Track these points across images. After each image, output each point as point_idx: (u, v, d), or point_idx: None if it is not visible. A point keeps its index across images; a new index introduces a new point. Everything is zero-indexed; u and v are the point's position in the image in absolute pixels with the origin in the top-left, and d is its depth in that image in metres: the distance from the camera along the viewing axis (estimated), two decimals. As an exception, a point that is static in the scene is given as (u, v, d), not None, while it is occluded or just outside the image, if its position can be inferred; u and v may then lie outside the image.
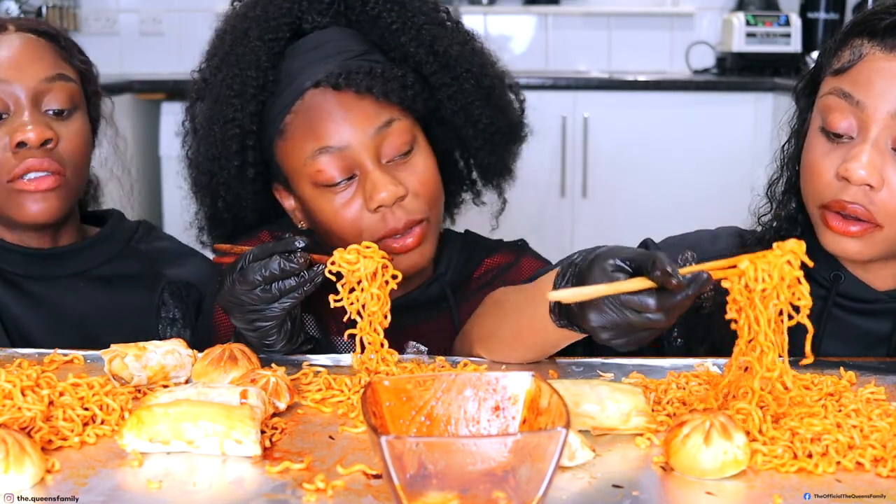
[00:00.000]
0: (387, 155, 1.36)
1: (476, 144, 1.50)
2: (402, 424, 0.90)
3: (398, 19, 1.43)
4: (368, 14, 1.43)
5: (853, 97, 1.22)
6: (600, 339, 1.04)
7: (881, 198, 1.21)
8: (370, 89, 1.34)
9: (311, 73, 1.37)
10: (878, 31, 1.22)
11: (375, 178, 1.34)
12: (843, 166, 1.22)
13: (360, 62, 1.37)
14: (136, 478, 0.92)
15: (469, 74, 1.46)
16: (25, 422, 0.99)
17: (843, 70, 1.24)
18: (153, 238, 1.61)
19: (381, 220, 1.35)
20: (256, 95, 1.39)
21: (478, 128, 1.48)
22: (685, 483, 0.92)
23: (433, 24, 1.45)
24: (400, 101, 1.37)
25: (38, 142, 1.39)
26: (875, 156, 1.21)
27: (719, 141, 3.93)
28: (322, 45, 1.40)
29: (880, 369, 1.23)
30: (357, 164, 1.35)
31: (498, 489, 0.79)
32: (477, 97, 1.47)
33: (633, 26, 4.55)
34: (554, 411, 0.85)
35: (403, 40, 1.42)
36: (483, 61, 1.50)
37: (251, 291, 1.22)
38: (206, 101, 1.45)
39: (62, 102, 1.43)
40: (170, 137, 3.99)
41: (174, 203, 4.05)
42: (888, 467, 0.95)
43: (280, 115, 1.38)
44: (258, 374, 1.11)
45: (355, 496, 0.88)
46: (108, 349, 1.15)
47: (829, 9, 4.27)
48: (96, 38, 4.61)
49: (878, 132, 1.21)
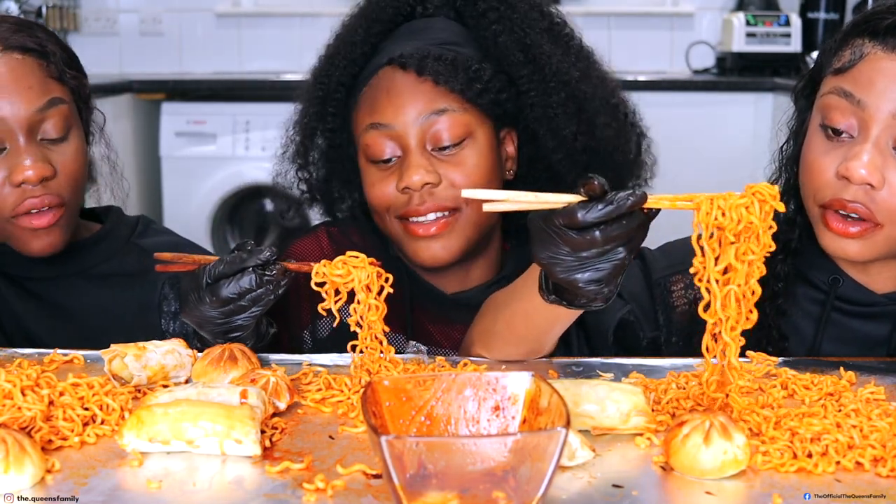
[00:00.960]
0: (433, 142, 1.38)
1: (556, 157, 1.47)
2: (402, 424, 0.90)
3: (501, 19, 1.44)
4: (476, 9, 1.45)
5: (854, 96, 1.22)
6: (556, 278, 1.04)
7: (882, 196, 1.21)
8: (431, 73, 1.36)
9: (390, 51, 1.41)
10: (879, 31, 1.22)
11: (412, 160, 1.37)
12: (844, 165, 1.21)
13: (440, 49, 1.40)
14: (136, 478, 0.92)
15: (560, 85, 1.44)
16: (25, 422, 0.99)
17: (844, 69, 1.24)
18: (152, 233, 1.60)
19: (406, 201, 1.39)
20: (347, 66, 1.44)
21: (558, 139, 1.46)
22: (685, 483, 0.92)
23: (535, 30, 1.45)
24: (462, 91, 1.38)
25: (37, 180, 1.36)
26: (876, 155, 1.20)
27: (719, 141, 3.93)
28: (419, 30, 1.44)
29: (880, 369, 1.23)
30: (402, 145, 1.38)
31: (498, 489, 0.79)
32: (564, 109, 1.44)
33: (633, 26, 4.55)
34: (554, 411, 0.85)
35: (501, 40, 1.43)
36: (587, 77, 1.48)
37: (224, 306, 1.21)
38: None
39: (58, 130, 1.39)
40: (170, 137, 4.00)
41: (174, 203, 4.06)
42: (888, 467, 0.95)
43: (358, 87, 1.44)
44: (258, 374, 1.11)
45: (355, 496, 0.88)
46: (108, 349, 1.15)
47: (829, 9, 4.27)
48: (96, 38, 4.62)
49: (880, 132, 1.20)
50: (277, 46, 4.59)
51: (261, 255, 1.20)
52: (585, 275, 1.03)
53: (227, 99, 4.05)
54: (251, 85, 4.20)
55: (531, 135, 1.48)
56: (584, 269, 1.03)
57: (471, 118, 1.39)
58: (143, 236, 1.58)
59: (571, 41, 1.50)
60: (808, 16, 4.28)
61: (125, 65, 4.63)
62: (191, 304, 1.22)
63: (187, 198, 4.03)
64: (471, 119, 1.39)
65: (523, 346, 1.25)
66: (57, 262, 1.48)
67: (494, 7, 1.44)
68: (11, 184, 1.36)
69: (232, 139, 3.98)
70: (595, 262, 1.02)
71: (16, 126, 1.36)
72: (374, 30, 1.45)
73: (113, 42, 4.65)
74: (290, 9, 4.58)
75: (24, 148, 1.36)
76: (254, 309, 1.21)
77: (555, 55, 1.44)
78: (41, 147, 1.38)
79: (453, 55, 1.39)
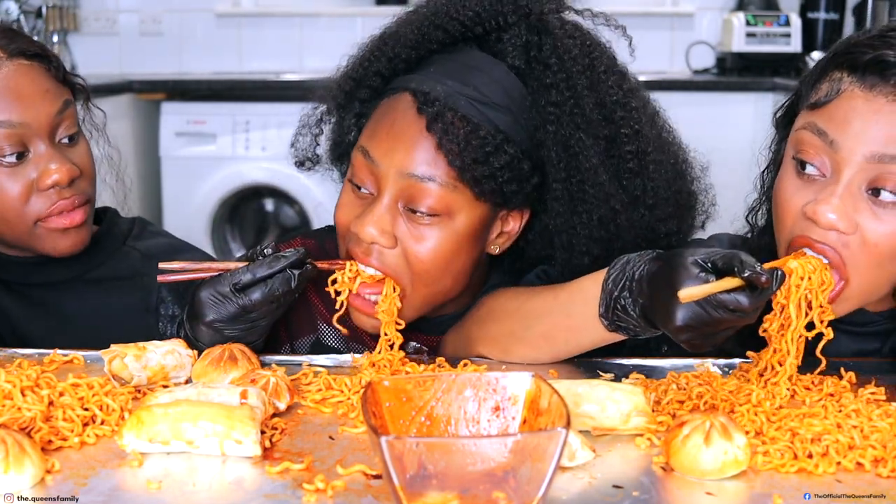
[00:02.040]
0: (406, 201, 1.24)
1: (560, 271, 1.32)
2: (402, 425, 0.90)
3: (560, 105, 1.24)
4: (542, 78, 1.26)
5: (828, 135, 1.14)
6: (679, 339, 1.07)
7: (855, 242, 1.14)
8: (438, 133, 1.22)
9: (423, 79, 1.26)
10: (858, 66, 1.14)
11: (375, 211, 1.24)
12: (812, 207, 1.14)
13: (469, 106, 1.23)
14: (135, 478, 0.92)
15: (594, 209, 1.26)
16: (25, 422, 0.99)
17: (819, 104, 1.17)
18: (149, 235, 1.60)
19: (362, 254, 1.27)
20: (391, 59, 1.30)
21: (570, 261, 1.30)
22: (685, 483, 0.92)
23: (591, 136, 1.25)
24: (460, 169, 1.22)
25: (68, 181, 1.37)
26: (847, 199, 1.13)
27: (719, 141, 3.93)
28: (470, 66, 1.26)
29: (880, 369, 1.23)
30: (379, 187, 1.25)
31: (498, 489, 0.79)
32: (589, 233, 1.28)
33: (633, 26, 4.47)
34: (554, 411, 0.85)
35: (551, 129, 1.25)
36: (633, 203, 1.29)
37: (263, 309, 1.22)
38: None
39: (71, 129, 1.41)
40: (170, 137, 4.00)
41: (174, 203, 4.06)
42: (888, 468, 0.95)
43: (385, 93, 1.30)
44: (258, 374, 1.11)
45: (355, 496, 0.88)
46: (108, 349, 1.15)
47: (829, 9, 4.27)
48: (96, 38, 4.62)
49: (852, 175, 1.13)
50: (277, 46, 4.59)
51: (294, 258, 1.22)
52: (701, 340, 1.07)
53: (227, 99, 4.05)
54: (251, 85, 4.20)
55: (548, 235, 1.33)
56: (707, 337, 1.07)
57: (459, 198, 1.24)
58: (140, 238, 1.58)
59: (633, 160, 1.29)
60: (808, 16, 4.28)
61: (125, 65, 4.63)
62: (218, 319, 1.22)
63: (187, 198, 4.03)
64: (458, 199, 1.24)
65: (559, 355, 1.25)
66: (53, 267, 1.47)
67: (559, 88, 1.25)
68: (39, 189, 1.37)
69: (232, 139, 3.98)
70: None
71: (37, 131, 1.37)
72: (431, 36, 1.29)
73: (113, 42, 4.65)
74: (290, 9, 4.58)
75: (48, 152, 1.38)
76: (277, 310, 1.24)
77: (601, 175, 1.26)
78: (61, 148, 1.40)
79: (476, 124, 1.22)
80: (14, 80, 1.35)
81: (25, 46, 1.39)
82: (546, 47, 1.27)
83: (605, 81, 1.29)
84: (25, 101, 1.35)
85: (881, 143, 1.11)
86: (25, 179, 1.36)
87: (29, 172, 1.37)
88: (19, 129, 1.35)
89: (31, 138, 1.36)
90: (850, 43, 1.19)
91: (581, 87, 1.25)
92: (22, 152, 1.36)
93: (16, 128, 1.34)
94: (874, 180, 1.12)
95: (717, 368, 1.23)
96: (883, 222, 1.13)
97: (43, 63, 1.40)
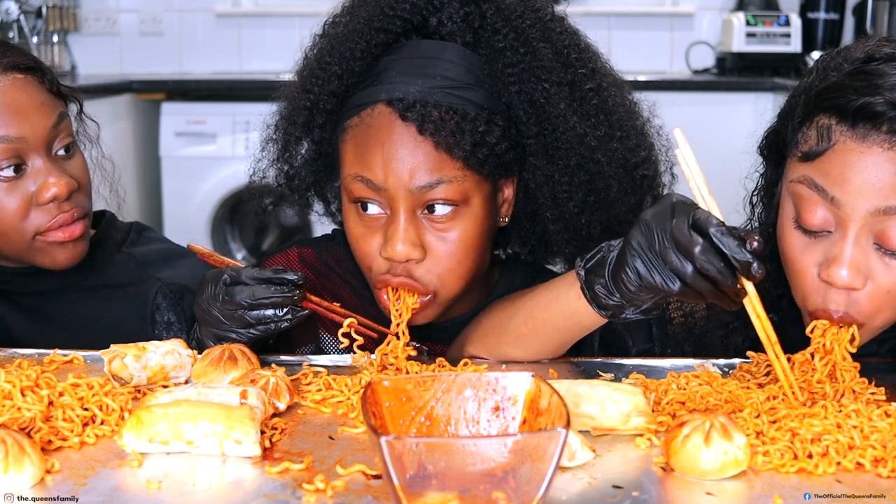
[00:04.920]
0: (423, 205, 1.25)
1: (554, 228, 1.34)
2: (402, 425, 0.90)
3: (517, 63, 1.26)
4: (494, 44, 1.27)
5: (827, 192, 1.11)
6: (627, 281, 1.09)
7: (863, 296, 1.12)
8: (433, 134, 1.22)
9: (392, 87, 1.24)
10: (847, 114, 1.10)
11: (398, 227, 1.24)
12: (826, 271, 1.12)
13: (447, 96, 1.23)
14: (135, 478, 0.92)
15: (570, 152, 1.28)
16: (25, 422, 0.99)
17: (812, 157, 1.13)
18: (145, 240, 1.59)
19: (389, 269, 1.27)
20: (342, 76, 1.28)
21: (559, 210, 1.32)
22: (685, 483, 0.92)
23: (554, 84, 1.27)
24: (465, 159, 1.23)
25: (67, 194, 1.37)
26: (857, 255, 1.11)
27: (719, 141, 3.93)
28: (427, 58, 1.27)
29: (880, 369, 1.23)
30: (392, 207, 1.25)
31: (498, 489, 0.79)
32: (570, 178, 1.30)
33: (633, 26, 4.55)
34: (554, 412, 0.85)
35: (514, 89, 1.26)
36: (606, 140, 1.30)
37: (232, 311, 1.22)
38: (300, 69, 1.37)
39: (67, 140, 1.41)
40: (170, 137, 4.00)
41: (174, 203, 4.06)
42: (888, 468, 0.95)
43: (351, 111, 1.28)
44: (258, 374, 1.11)
45: (355, 496, 0.88)
46: (108, 349, 1.15)
47: (829, 9, 4.27)
48: (96, 38, 4.62)
49: (858, 229, 1.10)
50: (277, 46, 4.58)
51: (288, 275, 1.21)
52: (649, 273, 1.06)
53: (227, 99, 4.05)
54: (251, 85, 4.20)
55: (531, 194, 1.34)
56: (652, 268, 1.06)
57: (469, 184, 1.25)
58: (136, 244, 1.57)
59: (595, 97, 1.31)
60: (808, 16, 4.28)
61: (125, 65, 4.63)
62: (204, 297, 1.24)
63: (187, 198, 4.03)
64: (469, 185, 1.25)
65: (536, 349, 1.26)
66: (48, 275, 1.46)
67: (514, 47, 1.26)
68: (39, 203, 1.36)
69: (232, 139, 3.98)
70: (665, 269, 1.06)
71: (34, 144, 1.36)
72: (376, 40, 1.27)
73: (113, 42, 4.65)
74: (290, 9, 4.58)
75: (46, 165, 1.37)
76: (256, 329, 1.23)
77: (570, 118, 1.28)
78: (58, 161, 1.39)
79: (461, 110, 1.23)
80: (10, 94, 1.35)
81: (18, 60, 1.38)
82: (490, 13, 1.28)
83: (555, 29, 1.31)
84: (21, 116, 1.35)
85: (883, 196, 1.09)
86: (24, 193, 1.35)
87: (27, 186, 1.36)
88: (16, 144, 1.34)
89: (28, 152, 1.36)
90: (832, 84, 1.13)
91: (535, 39, 1.27)
92: (19, 165, 1.35)
93: (13, 142, 1.33)
94: (880, 233, 1.10)
95: (717, 368, 1.23)
96: (893, 270, 1.12)
97: (36, 76, 1.39)
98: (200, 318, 1.26)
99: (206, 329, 1.25)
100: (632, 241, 1.08)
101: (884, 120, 1.08)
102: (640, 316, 1.14)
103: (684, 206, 1.06)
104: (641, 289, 1.09)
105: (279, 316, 1.22)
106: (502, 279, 1.46)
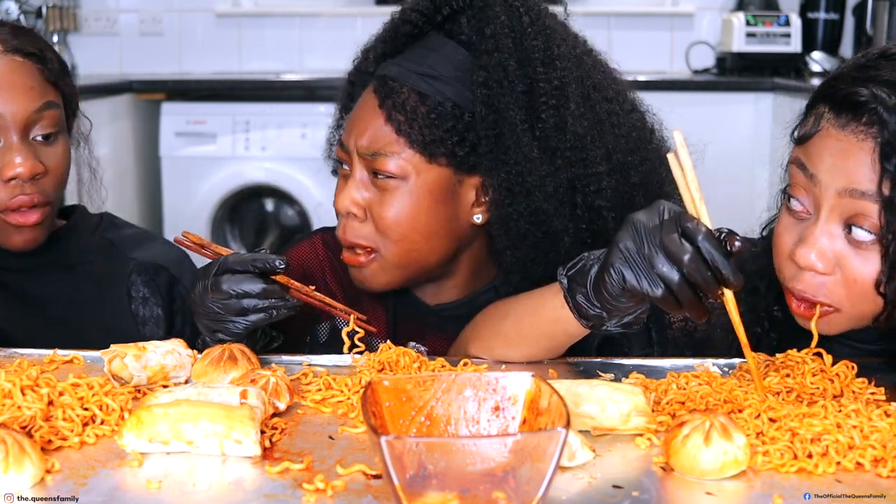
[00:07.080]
0: (370, 169, 1.36)
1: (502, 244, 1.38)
2: (402, 424, 0.90)
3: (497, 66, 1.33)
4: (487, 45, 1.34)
5: (808, 170, 1.15)
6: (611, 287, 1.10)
7: (832, 282, 1.15)
8: (387, 108, 1.34)
9: (385, 66, 1.39)
10: (835, 101, 1.14)
11: (343, 185, 1.38)
12: (794, 250, 1.16)
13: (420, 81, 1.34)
14: (135, 478, 0.92)
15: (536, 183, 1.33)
16: (25, 421, 0.99)
17: (803, 139, 1.17)
18: (118, 227, 1.65)
19: (340, 229, 1.39)
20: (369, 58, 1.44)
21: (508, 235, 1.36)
22: (685, 483, 0.92)
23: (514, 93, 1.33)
24: (408, 136, 1.33)
25: (29, 176, 1.41)
26: (826, 239, 1.14)
27: (719, 141, 3.93)
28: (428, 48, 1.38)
29: (880, 369, 1.23)
30: (352, 165, 1.37)
31: (498, 489, 0.79)
32: (526, 212, 1.34)
33: (633, 26, 4.55)
34: (554, 411, 0.85)
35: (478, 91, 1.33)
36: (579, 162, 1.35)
37: (221, 301, 1.21)
38: None
39: (49, 132, 1.45)
40: (170, 137, 4.00)
41: (174, 203, 4.06)
42: (888, 468, 0.95)
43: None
44: (258, 374, 1.11)
45: (355, 496, 0.88)
46: (108, 349, 1.15)
47: (829, 9, 4.27)
48: (96, 38, 4.62)
49: (829, 212, 1.14)
50: (277, 46, 4.59)
51: (270, 261, 1.21)
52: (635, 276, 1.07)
53: (227, 99, 4.05)
54: (251, 85, 4.20)
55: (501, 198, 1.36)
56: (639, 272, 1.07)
57: (411, 164, 1.33)
58: (109, 230, 1.62)
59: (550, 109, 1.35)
60: (808, 16, 4.28)
61: (125, 65, 4.63)
62: (197, 291, 1.25)
63: (187, 198, 4.03)
64: (411, 165, 1.33)
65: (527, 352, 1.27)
66: (24, 256, 1.50)
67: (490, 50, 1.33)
68: (1, 179, 1.41)
69: (232, 139, 3.98)
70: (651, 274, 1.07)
71: (12, 124, 1.41)
72: (401, 30, 1.42)
73: (113, 42, 4.65)
74: (290, 9, 4.58)
75: (17, 145, 1.42)
76: (251, 316, 1.21)
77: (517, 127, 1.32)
78: (33, 146, 1.43)
79: (427, 95, 1.33)
80: (2, 73, 1.41)
81: (24, 45, 1.44)
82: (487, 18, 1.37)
83: (531, 40, 1.36)
84: (5, 94, 1.40)
85: (852, 179, 1.11)
86: None
87: None
88: None
89: (6, 130, 1.41)
90: (836, 74, 1.18)
91: (504, 47, 1.34)
92: None
93: None
94: (849, 218, 1.12)
95: (717, 368, 1.23)
96: (861, 260, 1.13)
97: (37, 63, 1.44)
98: (195, 312, 1.26)
99: (202, 322, 1.26)
100: (619, 244, 1.09)
101: (864, 111, 1.10)
102: (621, 329, 1.17)
103: (674, 213, 1.08)
104: (623, 293, 1.09)
105: (271, 305, 1.22)
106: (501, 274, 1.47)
